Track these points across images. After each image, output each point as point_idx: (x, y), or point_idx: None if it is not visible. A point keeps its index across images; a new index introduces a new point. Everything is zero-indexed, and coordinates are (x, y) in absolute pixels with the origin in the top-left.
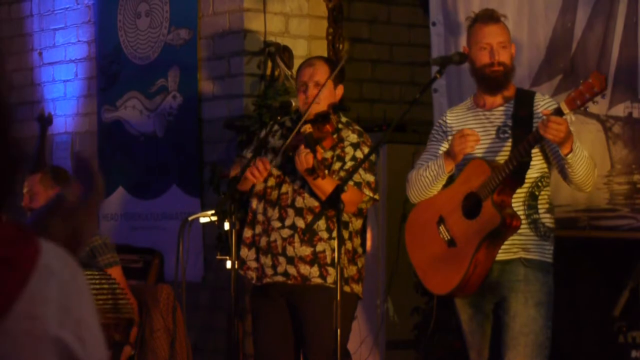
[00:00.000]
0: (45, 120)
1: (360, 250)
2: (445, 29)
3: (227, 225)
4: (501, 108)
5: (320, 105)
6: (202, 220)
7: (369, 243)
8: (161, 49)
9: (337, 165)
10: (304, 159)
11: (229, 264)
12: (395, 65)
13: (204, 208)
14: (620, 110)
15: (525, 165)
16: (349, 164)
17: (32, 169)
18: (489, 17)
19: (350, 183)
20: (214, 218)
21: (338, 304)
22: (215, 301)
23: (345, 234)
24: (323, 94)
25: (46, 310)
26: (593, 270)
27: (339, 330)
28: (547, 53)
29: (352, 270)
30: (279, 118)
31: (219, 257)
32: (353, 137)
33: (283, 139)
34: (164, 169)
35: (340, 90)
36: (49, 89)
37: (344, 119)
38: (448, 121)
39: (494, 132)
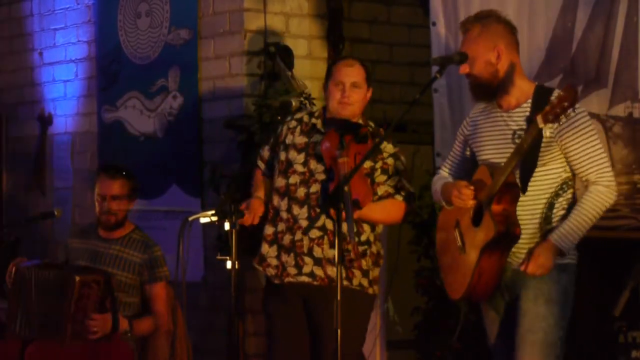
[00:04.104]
0: (45, 120)
1: (382, 252)
2: (445, 29)
3: (227, 225)
4: (519, 110)
5: (354, 107)
6: (202, 220)
7: None
8: (161, 49)
9: (382, 178)
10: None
11: (229, 264)
12: (395, 65)
13: (204, 208)
14: (620, 110)
15: (527, 171)
16: (395, 178)
17: (33, 169)
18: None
19: (399, 198)
20: (214, 218)
21: (338, 303)
22: (215, 301)
23: (372, 237)
24: (359, 96)
25: None
26: (593, 270)
27: (339, 331)
28: (547, 53)
29: (375, 273)
30: (296, 115)
31: (219, 257)
32: (390, 147)
33: (303, 134)
34: (164, 169)
35: (370, 93)
36: (49, 89)
37: (371, 123)
38: (470, 122)
39: (510, 136)
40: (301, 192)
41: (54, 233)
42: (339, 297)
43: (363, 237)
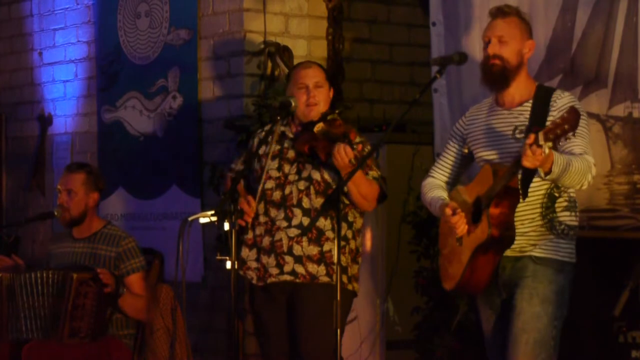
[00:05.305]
0: (45, 120)
1: (361, 249)
2: (445, 29)
3: (227, 226)
4: (520, 108)
5: (320, 106)
6: (202, 220)
7: (368, 243)
8: (161, 49)
9: None
10: (344, 152)
11: (229, 264)
12: (395, 65)
13: (204, 208)
14: (620, 110)
15: (529, 177)
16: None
17: (33, 169)
18: (498, 11)
19: (370, 178)
20: (214, 218)
21: (338, 304)
22: (215, 301)
23: (349, 234)
24: (322, 95)
25: None
26: (593, 270)
27: (338, 330)
28: (547, 53)
29: (354, 269)
30: (266, 127)
31: (219, 257)
32: (358, 138)
33: (279, 144)
34: (164, 169)
35: (332, 92)
36: (49, 89)
37: (362, 138)
38: (467, 122)
39: (510, 132)
40: (277, 195)
41: (54, 233)
42: (338, 297)
43: (341, 233)
